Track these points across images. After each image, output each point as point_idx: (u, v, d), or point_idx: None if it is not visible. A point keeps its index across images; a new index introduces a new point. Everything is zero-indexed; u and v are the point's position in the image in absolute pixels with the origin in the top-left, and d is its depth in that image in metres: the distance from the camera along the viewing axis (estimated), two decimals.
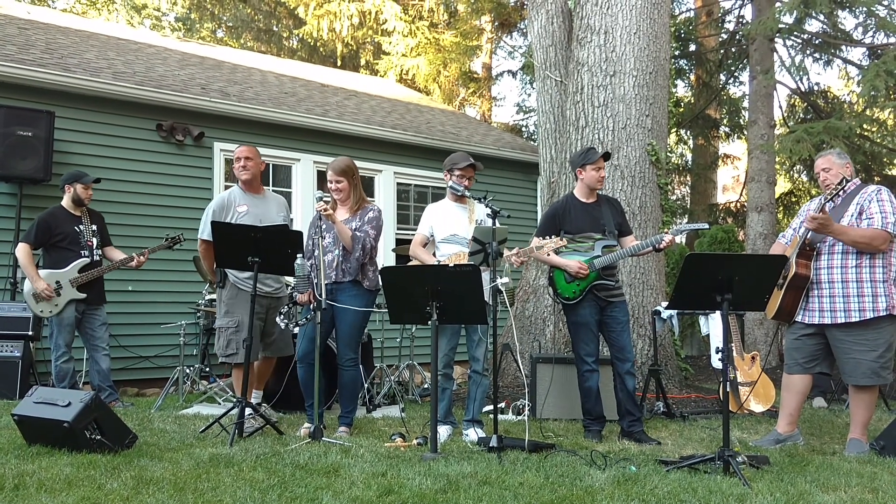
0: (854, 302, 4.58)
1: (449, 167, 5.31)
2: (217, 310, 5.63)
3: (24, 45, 8.10)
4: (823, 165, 4.87)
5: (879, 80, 8.84)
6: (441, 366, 5.09)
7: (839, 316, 4.63)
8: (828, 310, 4.67)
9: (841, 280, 4.62)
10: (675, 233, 5.13)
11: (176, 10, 22.42)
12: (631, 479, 3.73)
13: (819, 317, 4.71)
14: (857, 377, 4.62)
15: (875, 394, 4.79)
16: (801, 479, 3.83)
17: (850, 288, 4.59)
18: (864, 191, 4.72)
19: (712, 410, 6.47)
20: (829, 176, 4.80)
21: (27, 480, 3.40)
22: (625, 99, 7.69)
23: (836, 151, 4.96)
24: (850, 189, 4.71)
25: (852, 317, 4.58)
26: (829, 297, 4.66)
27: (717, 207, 15.25)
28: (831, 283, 4.64)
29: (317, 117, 8.97)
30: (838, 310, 4.63)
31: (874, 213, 4.58)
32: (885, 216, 4.55)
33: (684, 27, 14.28)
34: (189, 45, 12.14)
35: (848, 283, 4.60)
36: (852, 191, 4.74)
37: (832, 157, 4.87)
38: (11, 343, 6.35)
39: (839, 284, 4.62)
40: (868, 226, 4.57)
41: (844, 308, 4.61)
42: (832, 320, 4.66)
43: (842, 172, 4.74)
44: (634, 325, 7.22)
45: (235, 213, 5.46)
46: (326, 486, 3.47)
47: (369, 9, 16.80)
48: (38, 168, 6.86)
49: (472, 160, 5.28)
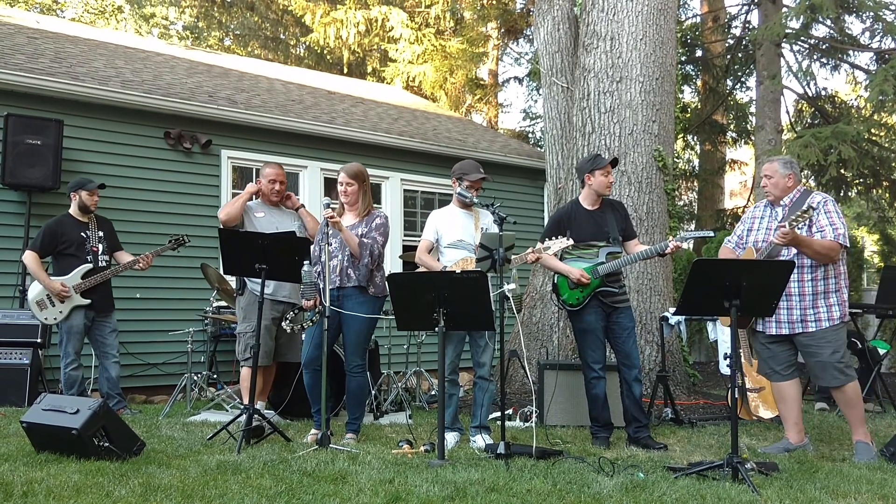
0: (810, 314, 4.75)
1: (458, 175, 5.29)
2: (237, 316, 5.84)
3: (33, 55, 8.16)
4: (767, 172, 4.98)
5: (887, 84, 8.83)
6: (447, 372, 5.09)
7: (797, 327, 4.79)
8: (786, 321, 4.82)
9: (798, 293, 4.76)
10: (680, 240, 5.13)
11: (184, 18, 22.57)
12: (639, 486, 3.71)
13: (779, 328, 4.86)
14: (826, 378, 4.78)
15: (855, 390, 4.82)
16: (811, 486, 3.81)
17: (807, 301, 4.76)
18: (811, 200, 4.77)
19: (721, 417, 6.44)
20: (770, 183, 4.94)
21: (35, 487, 3.41)
22: (631, 105, 7.68)
23: (782, 160, 5.02)
24: (795, 197, 4.86)
25: (809, 327, 4.76)
26: (787, 309, 4.79)
27: (724, 213, 15.22)
28: (788, 297, 4.75)
29: (324, 124, 9.00)
30: (796, 321, 4.78)
31: (825, 226, 4.68)
32: (836, 228, 4.67)
33: (691, 32, 14.28)
34: (196, 54, 12.20)
35: (805, 297, 4.76)
36: (798, 198, 4.86)
37: (776, 166, 4.95)
38: (20, 350, 6.38)
39: (796, 298, 4.77)
40: (821, 238, 4.67)
41: (802, 319, 4.77)
42: (790, 331, 4.82)
43: (783, 182, 4.88)
44: (642, 331, 7.20)
45: (254, 217, 5.70)
46: (334, 494, 3.47)
47: (376, 16, 16.87)
48: (47, 176, 6.90)
49: (483, 173, 5.28)
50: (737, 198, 21.41)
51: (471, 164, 5.34)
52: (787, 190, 4.89)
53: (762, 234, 4.93)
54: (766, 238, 4.84)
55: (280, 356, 5.86)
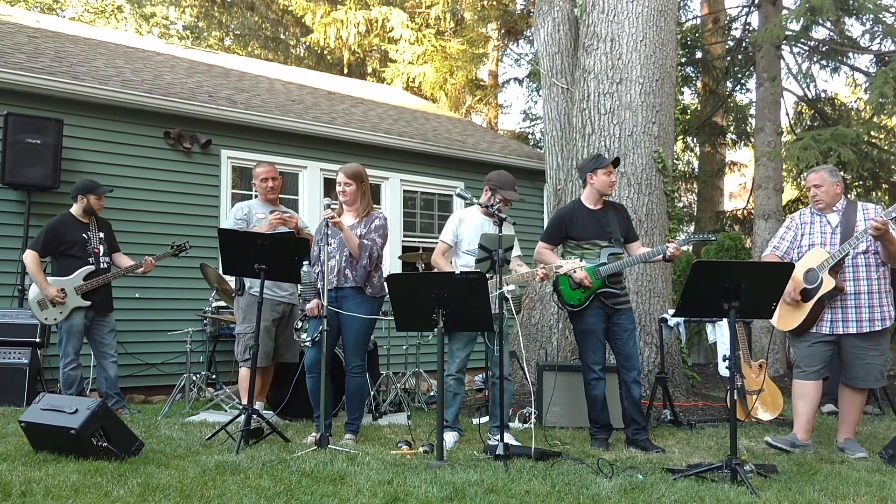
0: (877, 311, 4.83)
1: (494, 186, 5.22)
2: (236, 317, 5.85)
3: (34, 54, 8.15)
4: (815, 182, 5.05)
5: (887, 86, 8.83)
6: (455, 370, 5.10)
7: (864, 325, 4.83)
8: (852, 320, 4.86)
9: (866, 291, 4.84)
10: (681, 243, 5.14)
11: (184, 18, 22.56)
12: (638, 488, 3.71)
13: (842, 327, 4.88)
14: (869, 381, 4.88)
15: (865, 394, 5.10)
16: (810, 488, 3.81)
17: (874, 299, 4.84)
18: (863, 208, 4.94)
19: (720, 418, 6.44)
20: (820, 193, 5.01)
21: (34, 487, 3.41)
22: (631, 106, 7.68)
23: (827, 169, 5.11)
24: (845, 204, 4.99)
25: (876, 326, 4.83)
26: (855, 307, 4.85)
27: (723, 215, 15.22)
28: (857, 295, 4.83)
29: (324, 125, 9.00)
30: (863, 319, 4.84)
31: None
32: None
33: (691, 34, 14.28)
34: (197, 53, 12.20)
35: (872, 294, 4.85)
36: (848, 205, 4.99)
37: (825, 175, 5.04)
38: (19, 350, 6.37)
39: (865, 296, 4.84)
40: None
41: (868, 318, 4.84)
42: (857, 330, 4.84)
43: (833, 190, 4.98)
44: (641, 333, 7.19)
45: (254, 218, 5.71)
46: (332, 494, 3.46)
47: (376, 17, 16.88)
48: (47, 175, 6.90)
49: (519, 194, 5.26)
50: (736, 199, 21.42)
51: (510, 180, 5.27)
52: (837, 197, 5.00)
53: (818, 237, 4.99)
54: (824, 241, 4.93)
55: (278, 357, 5.87)
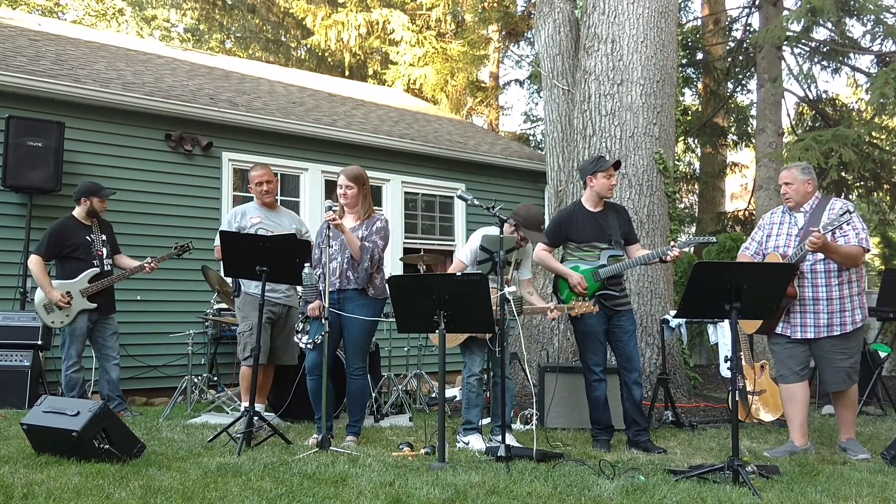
0: (837, 317, 4.83)
1: (517, 223, 5.08)
2: (238, 318, 5.87)
3: (35, 57, 8.17)
4: (786, 179, 5.04)
5: (888, 87, 8.83)
6: (477, 369, 5.08)
7: (823, 331, 4.85)
8: (812, 325, 4.88)
9: (826, 298, 4.83)
10: (682, 245, 5.13)
11: (185, 21, 22.59)
12: (639, 489, 3.71)
13: (804, 331, 4.90)
14: (837, 384, 4.90)
15: (856, 392, 5.09)
16: (812, 489, 3.80)
17: (834, 305, 4.82)
18: (830, 206, 4.88)
19: (721, 419, 6.44)
20: (790, 191, 5.00)
21: (36, 490, 3.41)
22: (632, 107, 7.68)
23: (800, 166, 5.10)
24: (815, 203, 4.95)
25: (834, 331, 4.83)
26: (814, 313, 4.86)
27: (725, 216, 15.22)
28: (816, 301, 4.84)
29: (325, 127, 9.01)
30: (822, 325, 4.85)
31: (848, 231, 4.76)
32: (858, 232, 4.77)
33: (692, 35, 14.28)
34: (198, 56, 12.21)
35: (832, 301, 4.82)
36: (818, 204, 4.95)
37: (795, 172, 5.02)
38: (21, 352, 6.37)
39: (824, 302, 4.83)
40: (845, 243, 4.75)
41: (828, 323, 4.84)
42: (816, 335, 4.87)
43: (803, 188, 4.95)
44: (643, 334, 7.19)
45: (249, 223, 5.72)
46: (334, 496, 3.46)
47: (377, 19, 16.89)
48: (48, 178, 6.90)
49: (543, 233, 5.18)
50: (737, 200, 21.38)
51: (536, 220, 5.09)
52: (807, 196, 4.97)
53: (783, 239, 4.98)
54: (787, 243, 4.92)
55: (276, 359, 5.84)
